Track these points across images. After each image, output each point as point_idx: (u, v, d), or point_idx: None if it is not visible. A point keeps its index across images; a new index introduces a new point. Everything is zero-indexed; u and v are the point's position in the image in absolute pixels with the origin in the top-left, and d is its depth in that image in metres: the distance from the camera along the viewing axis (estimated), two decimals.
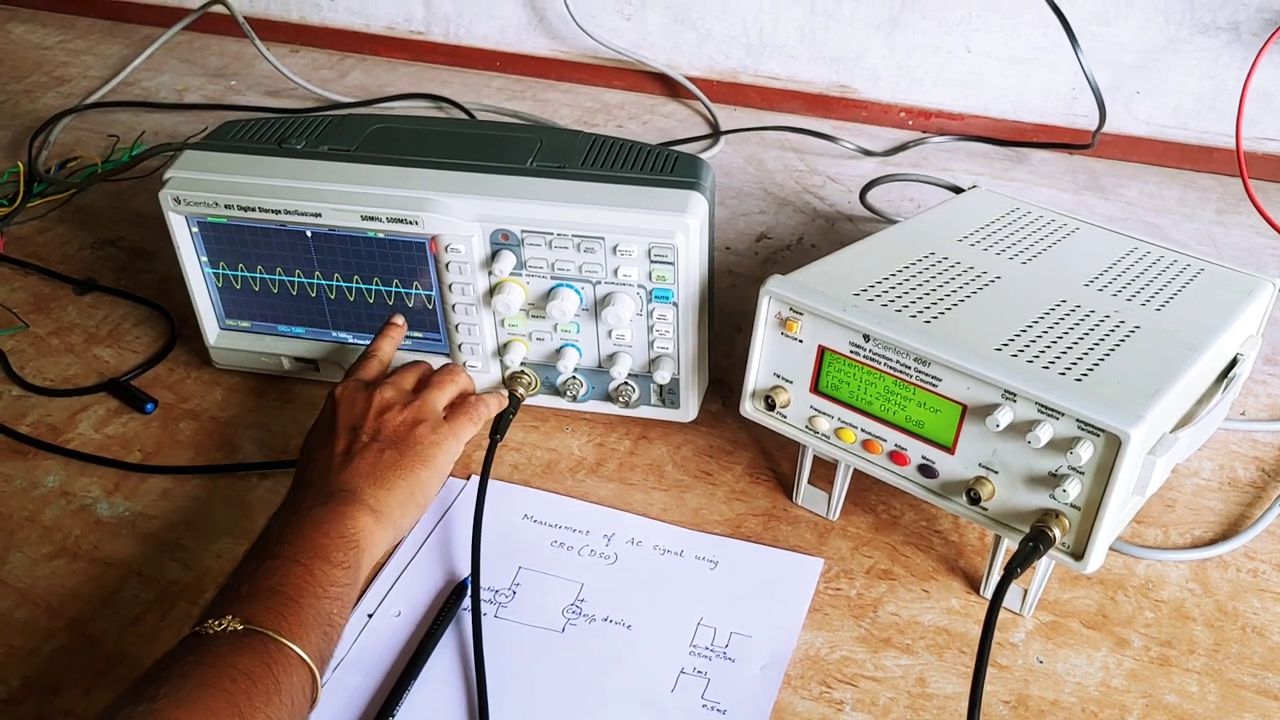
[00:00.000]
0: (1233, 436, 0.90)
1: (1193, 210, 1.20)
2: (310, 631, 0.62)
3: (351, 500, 0.70)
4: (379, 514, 0.71)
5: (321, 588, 0.65)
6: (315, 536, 0.67)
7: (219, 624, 0.60)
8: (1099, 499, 0.66)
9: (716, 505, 0.84)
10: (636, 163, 0.84)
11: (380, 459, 0.74)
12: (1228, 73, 1.20)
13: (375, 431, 0.76)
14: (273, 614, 0.62)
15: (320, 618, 0.64)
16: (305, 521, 0.68)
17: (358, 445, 0.74)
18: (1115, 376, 0.68)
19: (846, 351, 0.73)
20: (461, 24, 1.51)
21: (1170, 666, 0.72)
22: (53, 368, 0.99)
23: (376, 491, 0.72)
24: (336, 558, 0.67)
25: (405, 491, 0.73)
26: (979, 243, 0.86)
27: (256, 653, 0.60)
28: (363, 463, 0.73)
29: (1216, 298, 0.81)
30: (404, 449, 0.75)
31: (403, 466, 0.74)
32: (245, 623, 0.61)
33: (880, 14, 1.30)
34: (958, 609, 0.76)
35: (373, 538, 0.70)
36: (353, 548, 0.68)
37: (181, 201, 0.85)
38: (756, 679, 0.71)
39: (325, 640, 0.64)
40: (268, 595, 0.63)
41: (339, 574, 0.66)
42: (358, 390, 0.79)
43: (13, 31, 1.66)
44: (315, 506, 0.69)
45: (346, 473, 0.72)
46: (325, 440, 0.76)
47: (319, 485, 0.72)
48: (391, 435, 0.76)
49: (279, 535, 0.67)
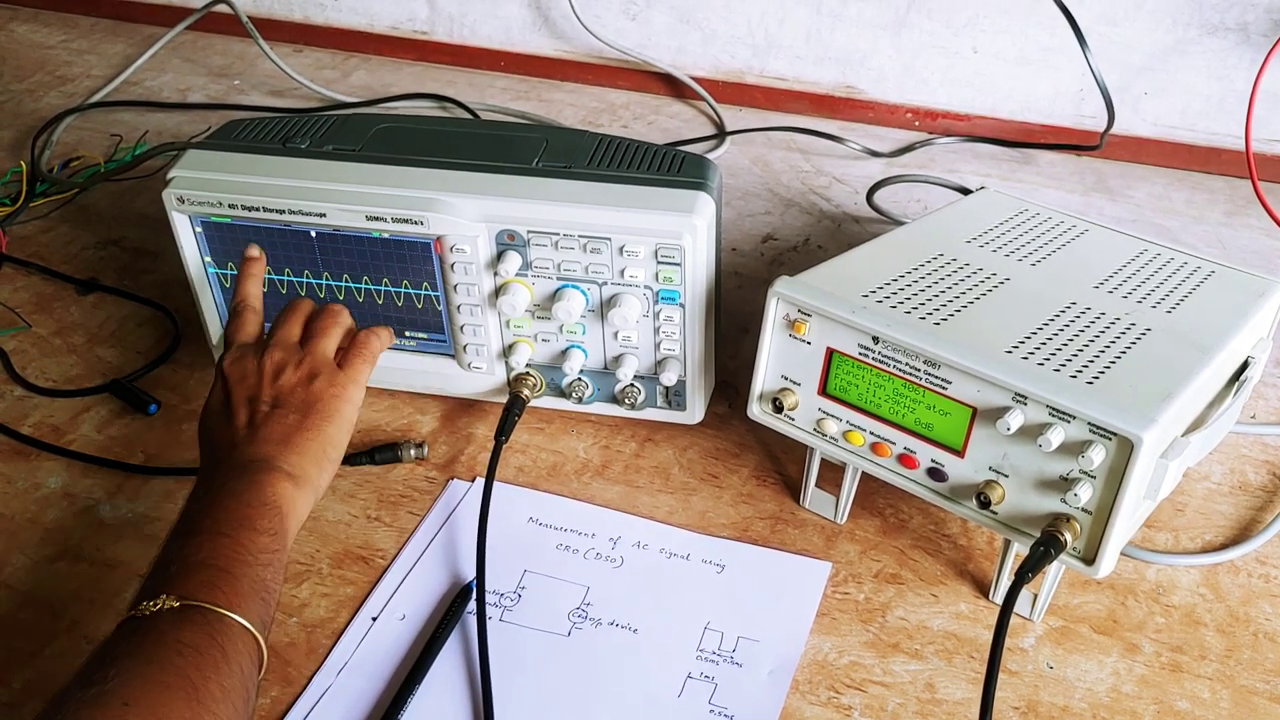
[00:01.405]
0: (1243, 440, 0.89)
1: (1201, 212, 1.19)
2: (247, 599, 0.62)
3: (266, 469, 0.69)
4: (296, 478, 0.70)
5: (251, 555, 0.64)
6: (236, 508, 0.66)
7: (154, 604, 0.60)
8: (1111, 503, 0.65)
9: (723, 508, 0.84)
10: (643, 163, 0.83)
11: (285, 424, 0.72)
12: (1236, 74, 1.19)
13: (274, 398, 0.74)
14: (207, 586, 0.61)
15: (255, 585, 0.63)
16: (224, 495, 0.67)
17: (259, 415, 0.73)
18: (1127, 380, 0.68)
19: (855, 354, 0.72)
20: (466, 24, 1.51)
21: (1182, 673, 0.72)
22: (55, 368, 0.99)
23: (289, 456, 0.71)
24: (261, 524, 0.66)
25: (318, 450, 0.72)
26: (988, 244, 0.85)
27: (198, 625, 0.59)
28: (269, 431, 0.72)
29: (1227, 300, 0.81)
30: (307, 410, 0.73)
31: (309, 427, 0.73)
32: (181, 599, 0.60)
33: (887, 14, 1.30)
34: (967, 614, 0.75)
35: (294, 502, 0.69)
36: (275, 514, 0.67)
37: (185, 201, 0.85)
38: (764, 684, 0.71)
39: (264, 606, 0.63)
40: (199, 569, 0.62)
41: (266, 540, 0.65)
42: (245, 358, 0.77)
43: (15, 31, 1.66)
44: (231, 480, 0.68)
45: (255, 444, 0.71)
46: (223, 417, 0.74)
47: (228, 462, 0.70)
48: (291, 398, 0.74)
49: (199, 513, 0.66)
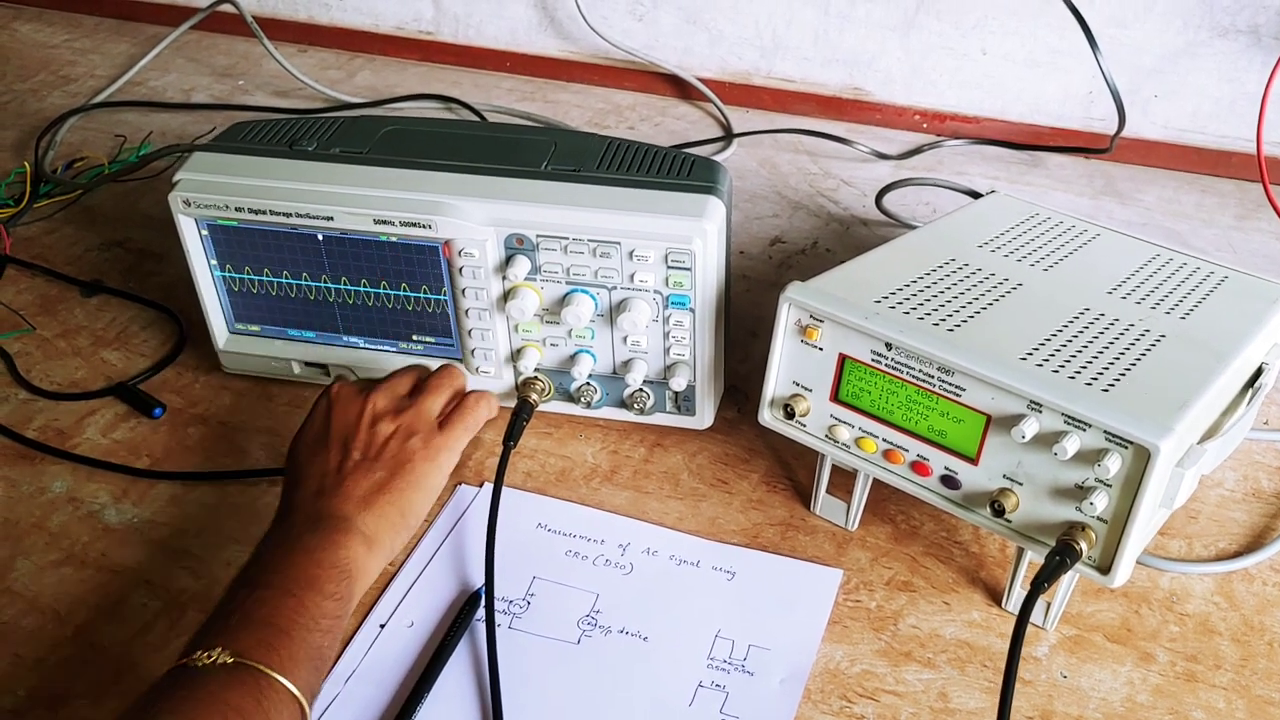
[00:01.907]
0: (1256, 447, 0.89)
1: (1212, 216, 1.18)
2: (301, 665, 0.61)
3: (343, 528, 0.69)
4: (370, 541, 0.70)
5: (313, 620, 0.63)
6: (307, 566, 0.66)
7: (208, 656, 0.59)
8: (1127, 512, 0.64)
9: (733, 514, 0.83)
10: (652, 166, 0.83)
11: (371, 480, 0.72)
12: (1247, 76, 1.18)
13: (367, 446, 0.74)
14: (264, 647, 0.60)
15: (311, 651, 0.62)
16: (297, 549, 0.67)
17: (349, 464, 0.73)
18: (1142, 387, 0.67)
19: (868, 360, 0.72)
20: (471, 24, 1.50)
21: (1196, 682, 0.71)
22: (59, 371, 0.98)
23: (367, 518, 0.71)
24: (328, 589, 0.65)
25: (396, 516, 0.72)
26: (1000, 249, 0.84)
27: (247, 688, 0.58)
28: (354, 486, 0.72)
29: (1241, 306, 0.80)
30: (396, 469, 0.74)
31: (394, 489, 0.73)
32: (235, 655, 0.59)
33: (895, 16, 1.29)
34: (979, 622, 0.75)
35: (364, 567, 0.69)
36: (345, 578, 0.67)
37: (191, 204, 0.84)
38: (776, 693, 0.70)
39: (315, 674, 0.63)
40: (258, 627, 0.62)
41: (331, 605, 0.65)
42: (353, 394, 0.78)
43: (19, 30, 1.65)
44: (306, 534, 0.68)
45: (338, 497, 0.71)
46: (316, 451, 0.74)
47: (309, 510, 0.70)
48: (383, 452, 0.74)
49: (270, 564, 0.66)
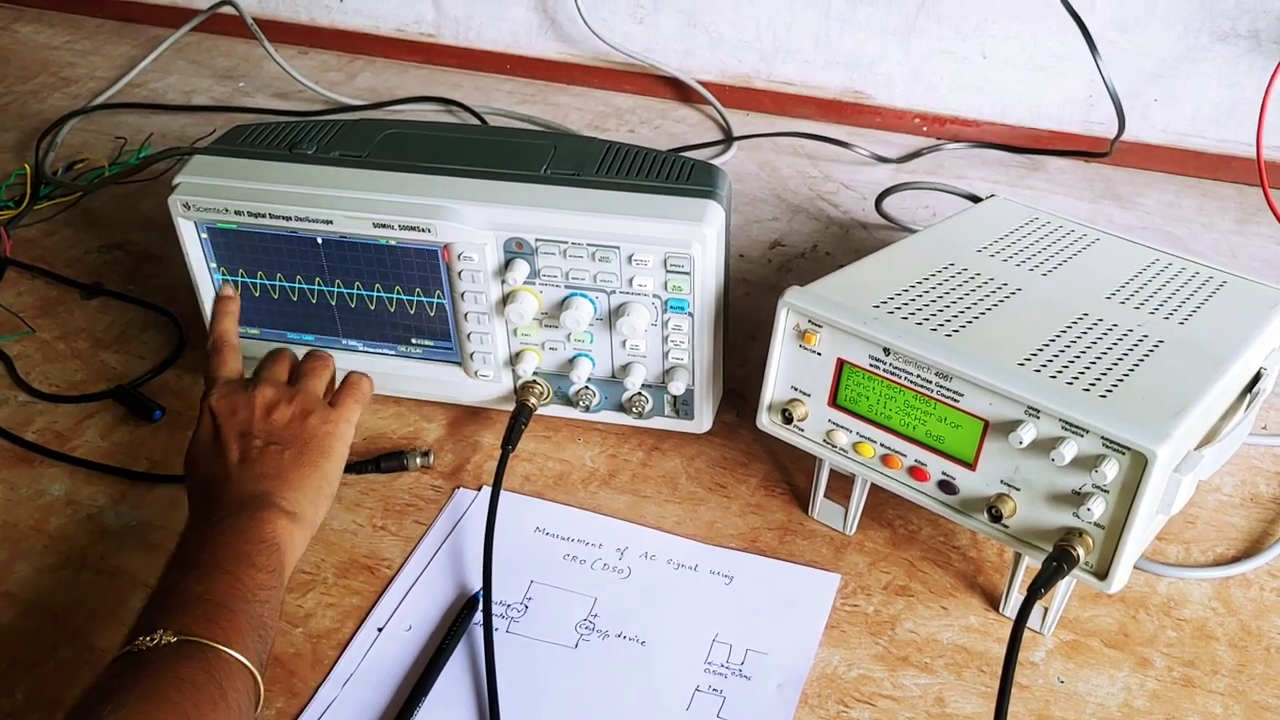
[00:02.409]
0: (1254, 452, 0.89)
1: (1211, 220, 1.18)
2: (245, 635, 0.61)
3: (264, 505, 0.69)
4: (293, 515, 0.69)
5: (250, 591, 0.63)
6: (235, 544, 0.66)
7: (151, 639, 0.59)
8: (1124, 518, 0.64)
9: (731, 519, 0.83)
10: (652, 170, 0.83)
11: (281, 460, 0.72)
12: (1247, 81, 1.19)
13: (267, 434, 0.73)
14: (205, 621, 0.61)
15: (253, 621, 0.62)
16: (222, 531, 0.67)
17: (253, 451, 0.72)
18: (1140, 392, 0.67)
19: (866, 365, 0.72)
20: (472, 26, 1.50)
21: (1194, 687, 0.71)
22: (59, 373, 0.98)
23: (286, 493, 0.70)
24: (260, 561, 0.65)
25: (314, 487, 0.72)
26: (998, 254, 0.84)
27: (195, 661, 0.58)
28: (265, 467, 0.71)
29: (1240, 311, 0.80)
30: (302, 446, 0.73)
31: (305, 463, 0.72)
32: (178, 634, 0.59)
33: (896, 19, 1.29)
34: (977, 627, 0.75)
35: (291, 539, 0.69)
36: (274, 551, 0.67)
37: (191, 207, 0.84)
38: (773, 697, 0.70)
39: (261, 642, 0.63)
40: (197, 604, 0.62)
41: (264, 577, 0.65)
42: (234, 394, 0.76)
43: (19, 31, 1.65)
44: (229, 516, 0.68)
45: (251, 480, 0.70)
46: (214, 453, 0.74)
47: (223, 497, 0.70)
48: (285, 434, 0.74)
49: (197, 546, 0.66)
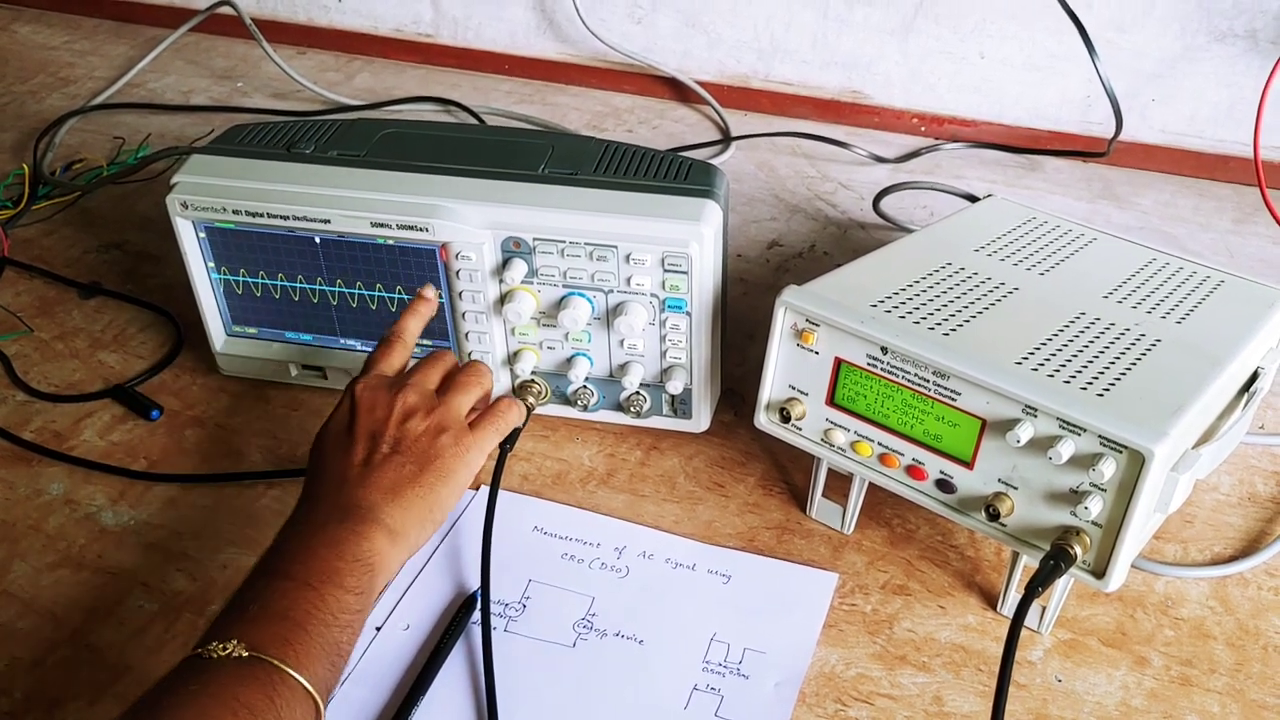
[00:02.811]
0: (1252, 451, 0.89)
1: (1209, 220, 1.19)
2: (317, 662, 0.60)
3: (368, 519, 0.67)
4: (395, 534, 0.68)
5: (332, 614, 0.62)
6: (329, 558, 0.64)
7: (224, 648, 0.58)
8: (1121, 516, 0.64)
9: (729, 518, 0.83)
10: (650, 170, 0.83)
11: (400, 474, 0.70)
12: (1245, 80, 1.19)
13: (396, 441, 0.72)
14: (280, 641, 0.59)
15: (328, 647, 0.61)
16: (320, 540, 0.65)
17: (377, 456, 0.71)
18: (1138, 391, 0.67)
19: (864, 364, 0.72)
20: (470, 26, 1.50)
21: (1191, 686, 0.71)
22: (57, 373, 0.98)
23: (394, 510, 0.68)
24: (350, 583, 0.64)
25: (423, 510, 0.70)
26: (996, 253, 0.84)
27: (260, 683, 0.57)
28: (382, 477, 0.69)
29: (1237, 310, 0.80)
30: (425, 463, 0.71)
31: (422, 483, 0.70)
32: (251, 649, 0.58)
33: (894, 19, 1.29)
34: (974, 626, 0.75)
35: (387, 560, 0.67)
36: (366, 571, 0.65)
37: (189, 207, 0.84)
38: (771, 696, 0.70)
39: (331, 670, 0.62)
40: (276, 620, 0.61)
41: (351, 600, 0.64)
42: (380, 390, 0.75)
43: (18, 32, 1.65)
44: (331, 523, 0.67)
45: (364, 487, 0.69)
46: (342, 445, 0.72)
47: (334, 499, 0.69)
48: (413, 447, 0.72)
49: (291, 553, 0.65)
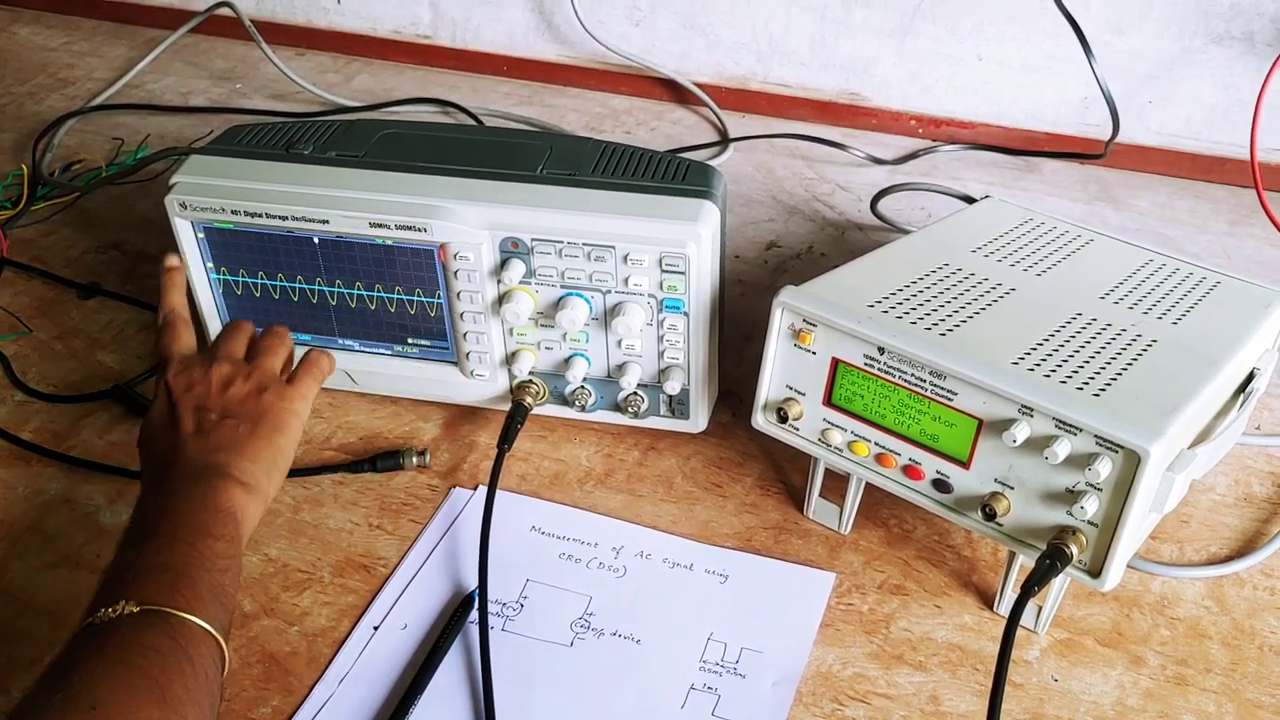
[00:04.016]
0: (1248, 451, 0.89)
1: (1205, 222, 1.19)
2: (207, 603, 0.61)
3: (219, 474, 0.69)
4: (248, 485, 0.69)
5: (209, 560, 0.63)
6: (191, 513, 0.66)
7: (113, 610, 0.59)
8: (1117, 516, 0.65)
9: (726, 518, 0.83)
10: (647, 171, 0.83)
11: (236, 433, 0.72)
12: (1241, 83, 1.19)
13: (223, 408, 0.73)
14: (166, 589, 0.60)
15: (214, 589, 0.62)
16: (178, 500, 0.67)
17: (208, 423, 0.72)
18: (1133, 391, 0.67)
19: (861, 364, 0.72)
20: (469, 28, 1.50)
21: (1187, 686, 0.71)
22: (56, 373, 0.98)
23: (241, 464, 0.70)
24: (217, 530, 0.65)
25: (269, 459, 0.72)
26: (993, 254, 0.85)
27: (159, 629, 0.58)
28: (220, 438, 0.71)
29: (1233, 311, 0.80)
30: (257, 420, 0.73)
31: (260, 436, 0.72)
32: (140, 603, 0.59)
33: (891, 21, 1.29)
34: (971, 625, 0.75)
35: (246, 509, 0.69)
36: (230, 521, 0.67)
37: (187, 207, 0.84)
38: (768, 696, 0.70)
39: (223, 610, 0.62)
40: (157, 572, 0.61)
41: (222, 546, 0.65)
42: (190, 369, 0.76)
43: (17, 33, 1.65)
44: (184, 486, 0.68)
45: (206, 450, 0.70)
46: (169, 426, 0.73)
47: (179, 466, 0.70)
48: (240, 409, 0.74)
49: (153, 517, 0.66)
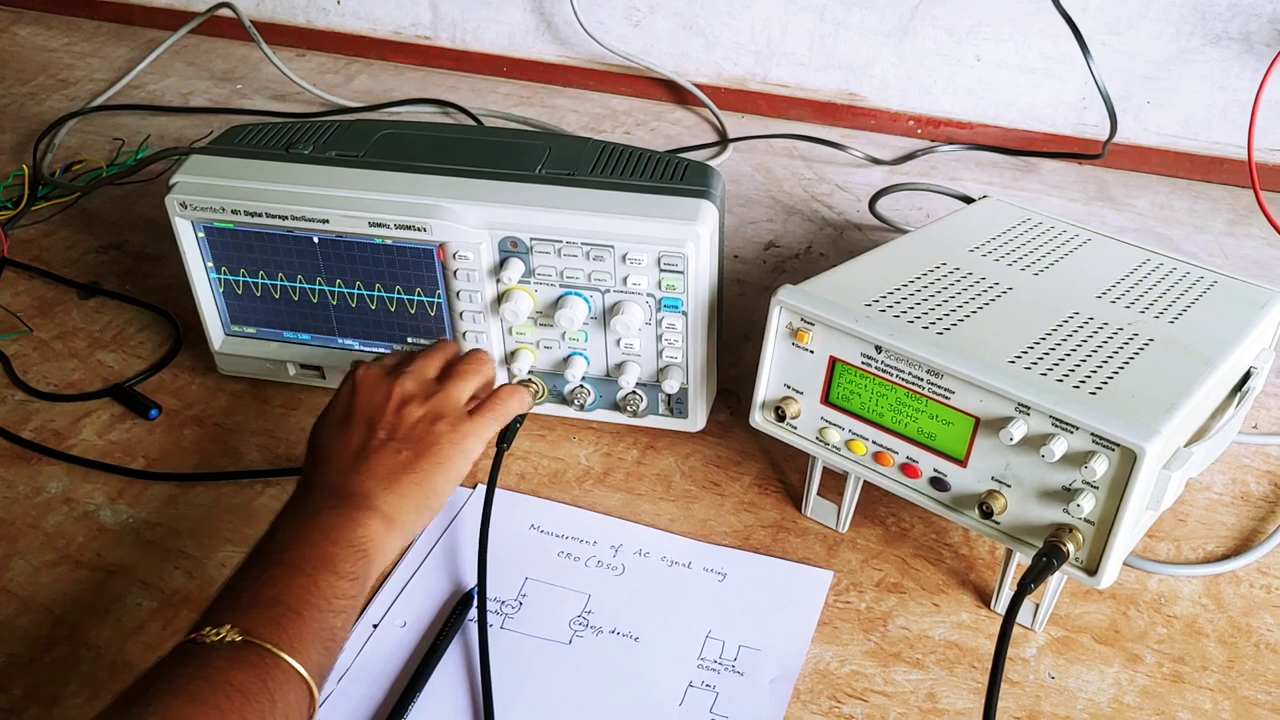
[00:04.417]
0: (1245, 450, 0.89)
1: (1203, 221, 1.19)
2: (311, 646, 0.60)
3: (363, 506, 0.67)
4: (390, 520, 0.68)
5: (326, 600, 0.62)
6: (323, 544, 0.64)
7: (217, 633, 0.58)
8: (1113, 514, 0.65)
9: (725, 516, 0.84)
10: (646, 170, 0.83)
11: (396, 460, 0.70)
12: (1239, 83, 1.19)
13: (393, 427, 0.72)
14: (273, 626, 0.59)
15: (323, 631, 0.61)
16: (313, 527, 0.66)
17: (373, 443, 0.71)
18: (1130, 390, 0.68)
19: (858, 363, 0.72)
20: (469, 29, 1.51)
21: (1183, 683, 0.71)
22: (56, 372, 0.99)
23: (389, 497, 0.69)
24: (344, 569, 0.64)
25: (420, 496, 0.70)
26: (991, 253, 0.85)
27: (254, 667, 0.57)
28: (378, 464, 0.70)
29: (1230, 310, 0.80)
30: (421, 450, 0.71)
31: (418, 470, 0.70)
32: (244, 634, 0.58)
33: (890, 22, 1.30)
34: (968, 623, 0.75)
35: (382, 547, 0.67)
36: (361, 558, 0.65)
37: (188, 206, 0.85)
38: (765, 693, 0.71)
39: (326, 655, 0.62)
40: (269, 605, 0.61)
41: (345, 585, 0.64)
42: (380, 376, 0.75)
43: (18, 34, 1.66)
44: (325, 510, 0.67)
45: (360, 474, 0.69)
46: (340, 431, 0.72)
47: (329, 487, 0.69)
48: (409, 433, 0.72)
49: (285, 540, 0.65)
